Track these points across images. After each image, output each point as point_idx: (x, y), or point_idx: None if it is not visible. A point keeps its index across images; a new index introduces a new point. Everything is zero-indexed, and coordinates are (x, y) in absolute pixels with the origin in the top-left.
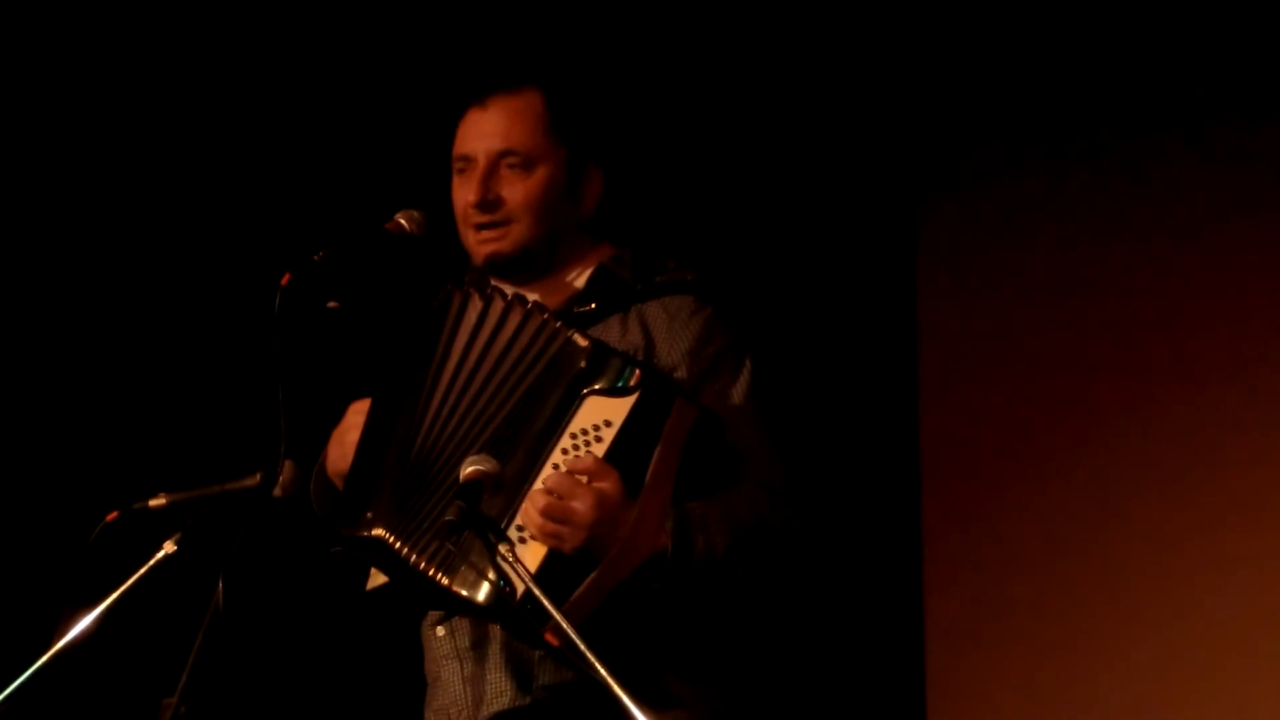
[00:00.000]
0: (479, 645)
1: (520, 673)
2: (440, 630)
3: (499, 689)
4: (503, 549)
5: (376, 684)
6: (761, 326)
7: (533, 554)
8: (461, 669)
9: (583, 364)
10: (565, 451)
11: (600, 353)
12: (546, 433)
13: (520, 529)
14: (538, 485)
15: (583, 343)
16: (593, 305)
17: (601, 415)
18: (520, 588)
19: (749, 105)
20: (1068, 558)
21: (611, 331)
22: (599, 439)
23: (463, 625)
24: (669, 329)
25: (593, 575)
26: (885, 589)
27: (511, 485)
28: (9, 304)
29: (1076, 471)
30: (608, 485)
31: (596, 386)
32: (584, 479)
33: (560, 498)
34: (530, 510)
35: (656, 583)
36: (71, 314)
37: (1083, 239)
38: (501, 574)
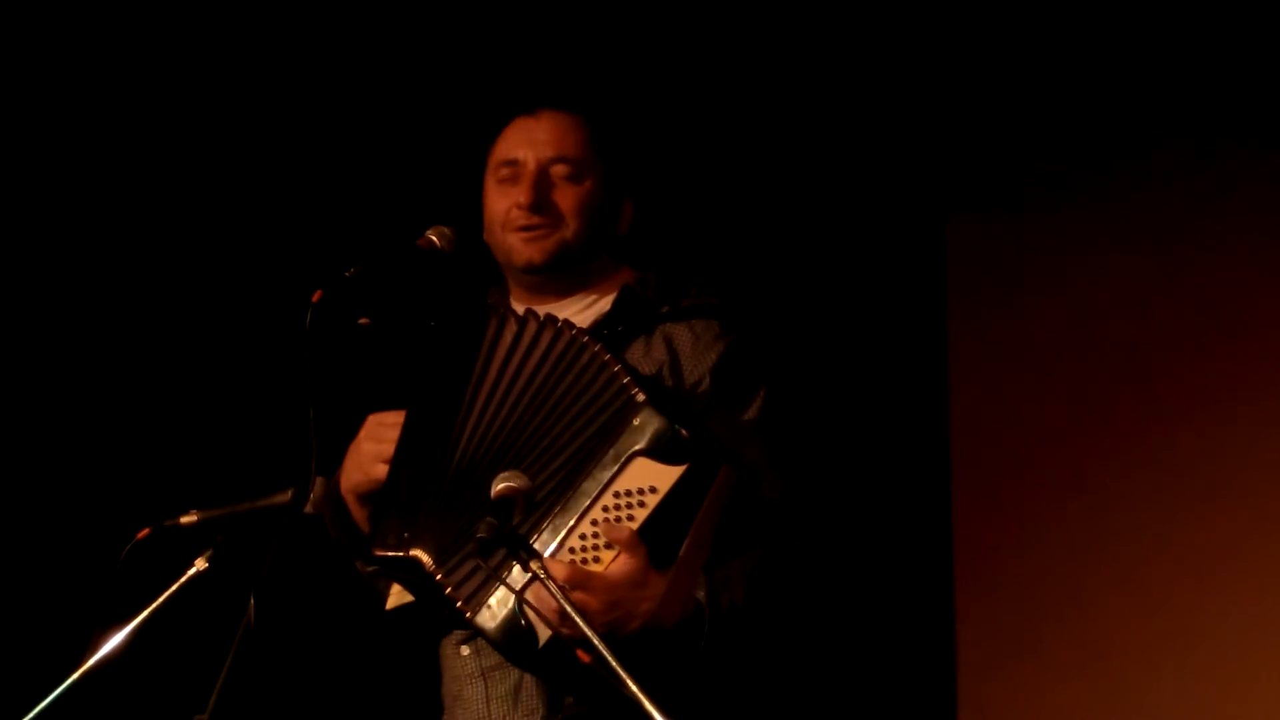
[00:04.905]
0: (505, 664)
1: (550, 691)
2: (465, 650)
3: (529, 707)
4: (534, 565)
5: (393, 704)
6: (790, 346)
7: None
8: (486, 688)
9: (636, 422)
10: (606, 510)
11: (655, 414)
12: (591, 488)
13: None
14: (563, 555)
15: (639, 398)
16: (620, 327)
17: (648, 480)
18: (552, 607)
19: (778, 124)
20: (1102, 569)
21: (635, 352)
22: (642, 504)
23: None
24: (694, 348)
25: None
26: (916, 602)
27: (548, 525)
28: (39, 324)
29: (1109, 483)
30: (630, 565)
31: (647, 449)
32: (612, 552)
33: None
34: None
35: (693, 646)
36: (103, 331)
37: (1113, 253)
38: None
